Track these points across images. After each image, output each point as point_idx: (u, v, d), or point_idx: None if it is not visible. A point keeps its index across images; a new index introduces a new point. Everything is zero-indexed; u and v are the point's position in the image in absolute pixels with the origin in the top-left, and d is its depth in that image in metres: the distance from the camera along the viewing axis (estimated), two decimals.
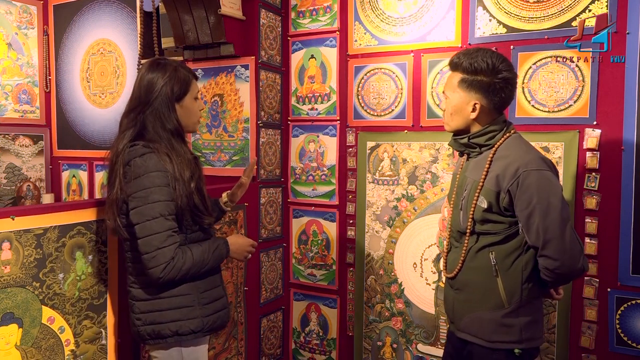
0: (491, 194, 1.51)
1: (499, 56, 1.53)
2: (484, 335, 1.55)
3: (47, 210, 1.63)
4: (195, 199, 1.55)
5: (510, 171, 1.47)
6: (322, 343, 2.88)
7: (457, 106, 1.58)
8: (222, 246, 1.62)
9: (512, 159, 1.49)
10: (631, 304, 2.08)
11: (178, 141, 1.58)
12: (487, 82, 1.52)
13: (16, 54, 3.67)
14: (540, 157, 1.49)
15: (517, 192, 1.46)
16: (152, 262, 1.46)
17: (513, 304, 1.51)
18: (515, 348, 1.51)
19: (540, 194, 1.43)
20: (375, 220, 2.66)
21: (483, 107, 1.54)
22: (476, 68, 1.52)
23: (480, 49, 1.57)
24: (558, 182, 1.48)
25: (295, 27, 2.84)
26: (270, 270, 2.83)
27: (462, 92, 1.55)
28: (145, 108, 1.56)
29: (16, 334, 1.54)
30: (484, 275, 1.54)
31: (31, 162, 3.76)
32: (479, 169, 1.57)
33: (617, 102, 2.07)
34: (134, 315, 1.59)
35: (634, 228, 2.05)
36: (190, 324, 1.55)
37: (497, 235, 1.53)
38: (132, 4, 3.30)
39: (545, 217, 1.42)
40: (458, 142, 1.63)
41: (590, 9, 2.11)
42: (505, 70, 1.51)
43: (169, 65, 1.60)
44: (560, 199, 1.44)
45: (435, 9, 2.45)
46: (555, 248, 1.42)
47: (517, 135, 1.58)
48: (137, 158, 1.49)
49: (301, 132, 2.87)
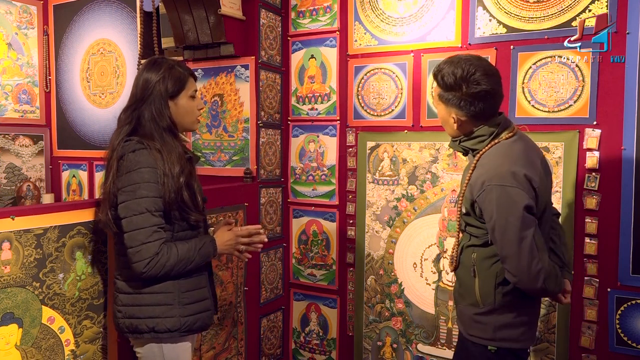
0: (467, 201, 1.56)
1: (474, 66, 1.49)
2: (464, 327, 1.64)
3: (47, 210, 1.64)
4: (184, 195, 1.55)
5: (479, 183, 1.49)
6: (322, 343, 2.88)
7: (442, 118, 1.62)
8: (208, 244, 1.62)
9: (484, 169, 1.50)
10: (631, 304, 2.08)
11: (170, 137, 1.60)
12: (457, 97, 1.51)
13: (16, 54, 3.67)
14: (512, 171, 1.43)
15: (482, 205, 1.48)
16: (136, 256, 1.47)
17: (487, 305, 1.54)
18: (488, 345, 1.56)
19: (499, 210, 1.42)
20: (375, 220, 2.66)
21: (461, 119, 1.56)
22: (446, 83, 1.52)
23: (458, 58, 1.53)
24: (524, 198, 1.41)
25: (295, 27, 2.84)
26: (270, 270, 2.83)
27: (442, 106, 1.58)
28: (140, 105, 1.59)
29: (16, 334, 1.54)
30: (467, 273, 1.60)
31: (31, 162, 3.76)
32: (466, 173, 1.60)
33: (617, 102, 2.07)
34: (116, 307, 1.61)
35: (634, 228, 2.05)
36: (167, 323, 1.55)
37: (478, 239, 1.56)
38: (132, 4, 3.30)
39: (503, 235, 1.43)
40: (455, 144, 1.66)
41: (590, 9, 2.11)
42: (476, 82, 1.47)
43: (164, 63, 1.63)
44: (519, 217, 1.39)
45: (435, 9, 2.45)
46: (512, 265, 1.43)
47: (507, 142, 1.53)
48: (130, 153, 1.52)
49: (301, 132, 2.87)
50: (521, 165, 1.46)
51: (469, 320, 1.60)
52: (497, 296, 1.52)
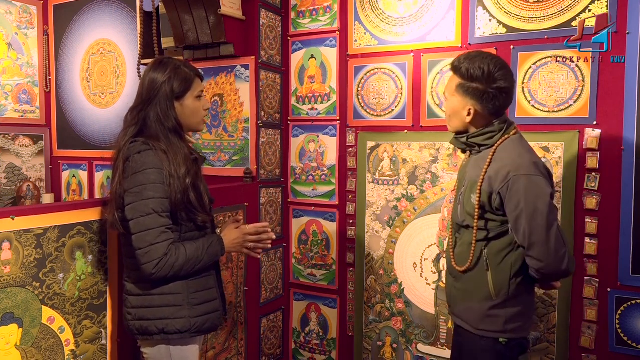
0: (484, 194, 1.57)
1: (497, 63, 1.56)
2: (472, 323, 1.64)
3: (47, 210, 1.64)
4: (191, 196, 1.56)
5: (502, 174, 1.52)
6: (322, 343, 2.88)
7: (454, 109, 1.64)
8: (216, 243, 1.62)
9: (505, 162, 1.54)
10: (631, 304, 2.08)
11: (176, 138, 1.60)
12: (481, 90, 1.56)
13: (16, 54, 3.67)
14: (534, 161, 1.53)
15: (507, 195, 1.51)
16: (145, 257, 1.47)
17: (501, 297, 1.58)
18: (500, 337, 1.59)
19: (527, 198, 1.48)
20: (375, 220, 2.66)
21: (477, 112, 1.60)
22: (472, 75, 1.57)
23: (482, 54, 1.60)
24: (548, 187, 1.51)
25: (295, 27, 2.84)
26: (270, 270, 2.83)
27: (459, 97, 1.61)
28: (146, 106, 1.59)
29: (16, 334, 1.54)
30: (477, 268, 1.62)
31: (31, 162, 3.76)
32: (477, 168, 1.62)
33: (617, 102, 2.07)
34: (126, 309, 1.61)
35: (634, 228, 2.05)
36: (177, 324, 1.55)
37: (489, 232, 1.59)
38: (132, 4, 3.30)
39: (531, 221, 1.47)
40: (459, 140, 1.69)
41: (590, 9, 2.11)
42: (501, 79, 1.55)
43: (171, 63, 1.62)
44: (547, 204, 1.48)
45: (435, 9, 2.45)
46: (539, 250, 1.48)
47: (517, 137, 1.61)
48: (136, 155, 1.51)
49: (301, 132, 2.87)
50: (537, 157, 1.57)
51: (479, 315, 1.61)
52: (511, 287, 1.56)
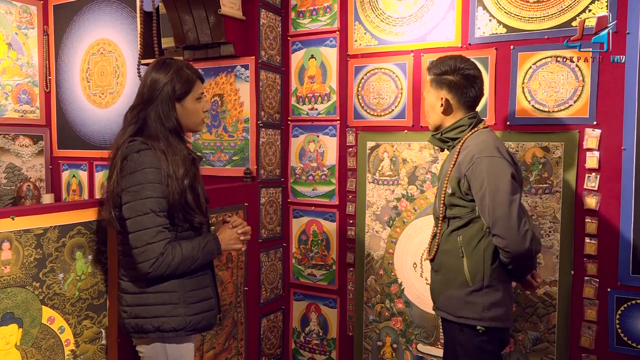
0: (453, 180, 1.70)
1: (464, 60, 1.76)
2: (452, 311, 1.72)
3: (47, 210, 1.63)
4: (188, 197, 1.56)
5: (467, 158, 1.66)
6: (322, 343, 2.88)
7: (430, 103, 1.81)
8: (211, 242, 1.63)
9: (471, 148, 1.68)
10: (631, 304, 2.08)
11: (176, 139, 1.61)
12: (451, 80, 1.73)
13: (16, 54, 3.67)
14: (496, 146, 1.66)
15: (472, 176, 1.64)
16: (141, 256, 1.48)
17: (477, 282, 1.66)
18: (477, 325, 1.66)
19: (489, 178, 1.60)
20: (375, 220, 2.66)
21: (449, 101, 1.75)
22: (442, 70, 1.76)
23: (453, 55, 1.80)
24: (509, 167, 1.62)
25: (295, 27, 2.84)
26: (270, 270, 2.83)
27: (433, 90, 1.79)
28: (147, 106, 1.60)
29: (16, 334, 1.54)
30: (454, 257, 1.71)
31: (31, 162, 3.76)
32: (450, 160, 1.77)
33: (617, 102, 2.07)
34: (122, 307, 1.61)
35: (634, 228, 2.05)
36: (172, 322, 1.55)
37: (462, 219, 1.69)
38: (132, 4, 3.30)
39: (494, 199, 1.58)
40: (435, 138, 1.83)
41: (590, 9, 2.11)
42: (468, 69, 1.73)
43: (173, 64, 1.63)
44: (508, 182, 1.59)
45: (435, 9, 2.45)
46: (502, 226, 1.57)
47: (485, 130, 1.75)
48: (134, 154, 1.52)
49: (301, 132, 2.87)
50: (500, 144, 1.70)
51: (458, 302, 1.69)
52: (485, 272, 1.66)
